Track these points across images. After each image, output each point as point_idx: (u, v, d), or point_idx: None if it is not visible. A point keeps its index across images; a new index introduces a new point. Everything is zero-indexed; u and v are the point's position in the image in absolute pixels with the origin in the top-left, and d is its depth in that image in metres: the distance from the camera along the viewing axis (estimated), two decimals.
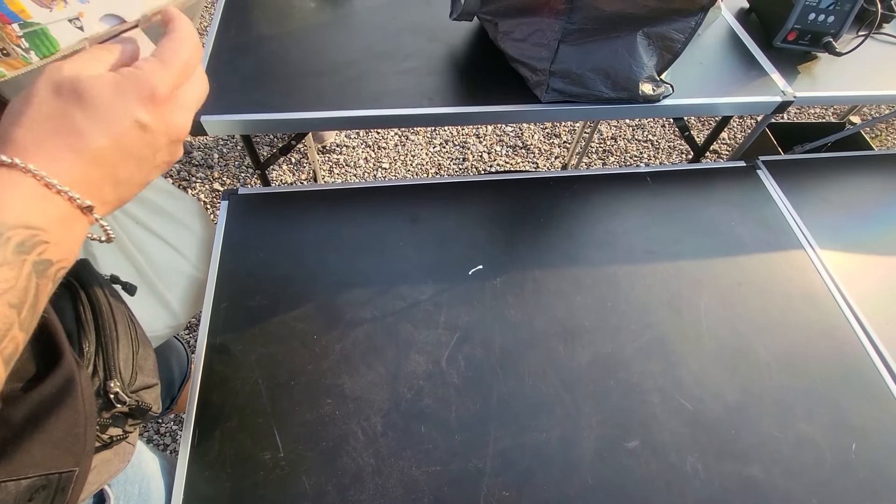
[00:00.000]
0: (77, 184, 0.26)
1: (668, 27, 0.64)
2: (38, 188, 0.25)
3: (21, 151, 0.25)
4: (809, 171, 0.86)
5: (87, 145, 0.26)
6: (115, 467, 0.47)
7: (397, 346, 0.62)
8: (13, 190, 0.24)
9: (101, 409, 0.43)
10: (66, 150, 0.25)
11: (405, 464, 0.54)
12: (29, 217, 0.24)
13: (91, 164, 0.26)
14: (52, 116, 0.25)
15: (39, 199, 0.25)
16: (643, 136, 1.96)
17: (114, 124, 0.26)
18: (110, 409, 0.43)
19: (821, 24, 0.82)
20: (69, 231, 0.26)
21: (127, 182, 0.28)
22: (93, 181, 0.26)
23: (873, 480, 0.56)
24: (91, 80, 0.26)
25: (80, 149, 0.25)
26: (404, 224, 0.72)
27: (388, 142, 1.85)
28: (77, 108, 0.26)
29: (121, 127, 0.26)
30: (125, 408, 0.44)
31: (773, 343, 0.65)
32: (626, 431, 0.57)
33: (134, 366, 0.46)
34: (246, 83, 0.71)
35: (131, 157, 0.27)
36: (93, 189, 0.26)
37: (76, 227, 0.27)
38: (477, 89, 0.73)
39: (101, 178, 0.27)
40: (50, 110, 0.25)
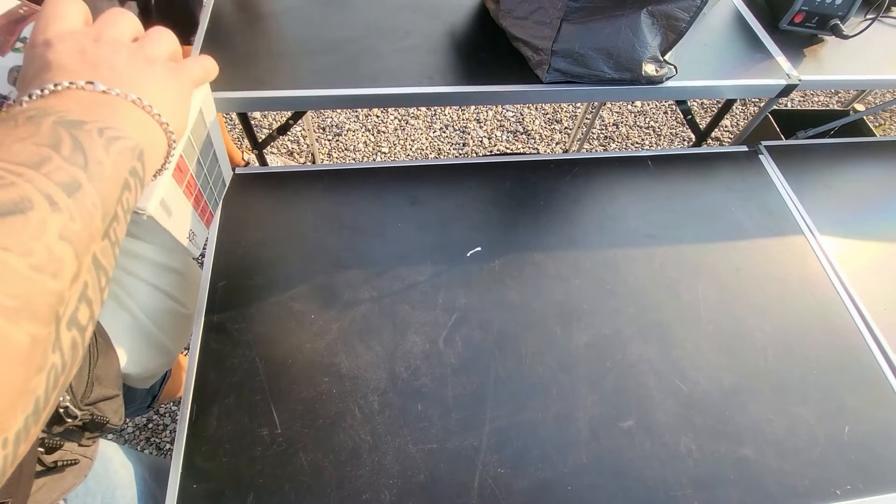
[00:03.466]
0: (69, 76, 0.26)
1: (672, 6, 0.63)
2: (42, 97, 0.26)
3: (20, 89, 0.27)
4: (812, 156, 0.85)
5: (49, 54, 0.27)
6: (69, 483, 0.44)
7: (394, 326, 0.62)
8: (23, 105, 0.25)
9: (49, 424, 0.39)
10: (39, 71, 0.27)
11: (402, 441, 0.54)
12: (35, 104, 0.24)
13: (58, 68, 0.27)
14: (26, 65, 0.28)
15: (43, 100, 0.25)
16: (645, 123, 1.95)
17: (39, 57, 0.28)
18: (61, 423, 0.40)
19: (828, 6, 0.80)
20: (96, 104, 0.26)
21: (108, 65, 0.28)
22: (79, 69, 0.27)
23: (865, 462, 0.56)
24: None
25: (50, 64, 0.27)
26: (403, 205, 0.72)
27: (388, 126, 1.84)
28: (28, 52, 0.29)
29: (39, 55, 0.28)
30: (78, 422, 0.41)
31: (771, 327, 0.65)
32: (622, 412, 0.57)
33: (90, 377, 0.43)
34: (242, 60, 0.70)
35: (79, 46, 0.28)
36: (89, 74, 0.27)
37: (103, 102, 0.26)
38: (477, 69, 0.72)
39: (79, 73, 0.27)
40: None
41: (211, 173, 0.48)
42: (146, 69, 0.30)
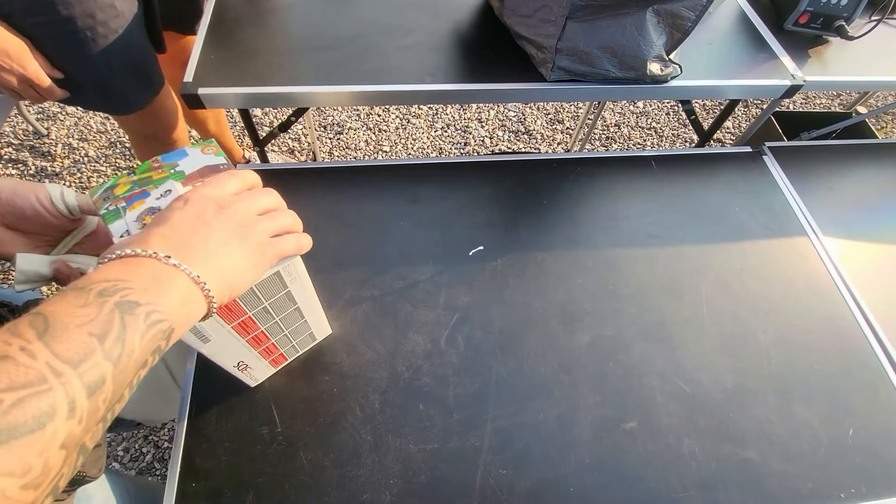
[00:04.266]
0: (153, 246, 0.31)
1: (678, 4, 0.62)
2: (118, 260, 0.30)
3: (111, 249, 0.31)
4: (815, 158, 0.85)
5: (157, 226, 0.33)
6: None
7: (396, 325, 0.61)
8: (99, 267, 0.30)
9: None
10: (142, 236, 0.32)
11: (403, 441, 0.54)
12: (111, 273, 0.28)
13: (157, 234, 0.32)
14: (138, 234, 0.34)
15: (122, 262, 0.30)
16: (647, 124, 1.95)
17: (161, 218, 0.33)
18: None
19: (834, 7, 0.80)
20: (159, 281, 0.29)
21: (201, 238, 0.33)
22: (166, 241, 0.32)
23: (869, 466, 0.56)
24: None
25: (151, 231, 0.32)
26: (405, 203, 0.72)
27: (389, 124, 1.83)
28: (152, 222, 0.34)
29: (167, 214, 0.34)
30: None
31: (774, 329, 0.65)
32: (624, 413, 0.57)
33: None
34: (245, 56, 0.70)
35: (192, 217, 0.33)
36: (169, 248, 0.31)
37: (166, 280, 0.30)
38: (480, 67, 0.72)
39: (173, 238, 0.32)
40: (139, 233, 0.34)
41: (295, 334, 0.53)
42: (235, 243, 0.34)
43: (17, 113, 1.66)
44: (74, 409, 0.24)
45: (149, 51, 0.86)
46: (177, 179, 0.38)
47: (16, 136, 1.68)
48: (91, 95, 0.84)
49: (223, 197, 0.36)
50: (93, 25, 0.73)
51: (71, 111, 1.76)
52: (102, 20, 0.73)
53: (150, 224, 0.33)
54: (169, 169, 0.39)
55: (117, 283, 0.28)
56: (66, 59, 0.76)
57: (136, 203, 0.37)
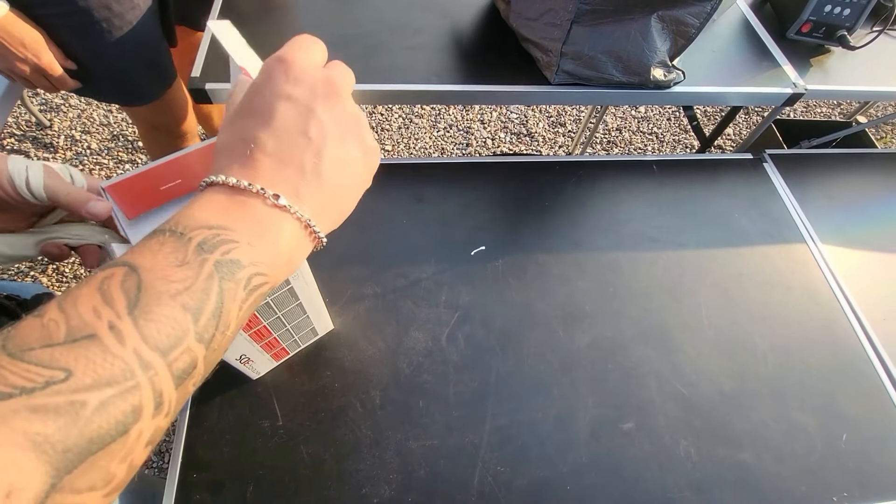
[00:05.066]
0: (259, 178, 0.25)
1: (683, 11, 0.63)
2: (225, 192, 0.25)
3: (214, 172, 0.26)
4: (815, 166, 0.86)
5: (257, 142, 0.26)
6: None
7: (397, 322, 0.62)
8: (205, 202, 0.25)
9: None
10: (242, 157, 0.26)
11: (402, 437, 0.54)
12: (214, 219, 0.24)
13: (263, 157, 0.26)
14: (227, 143, 0.27)
15: (227, 201, 0.25)
16: (648, 129, 1.96)
17: (264, 111, 0.26)
18: None
19: (836, 17, 0.81)
20: (265, 231, 0.25)
21: (311, 165, 0.27)
22: (272, 173, 0.26)
23: (861, 470, 0.57)
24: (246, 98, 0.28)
25: (254, 151, 0.26)
26: (409, 202, 0.72)
27: (392, 124, 1.84)
28: (239, 120, 0.27)
29: (269, 109, 0.26)
30: None
31: (771, 334, 0.66)
32: (622, 413, 0.58)
33: None
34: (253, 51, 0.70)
35: (295, 132, 0.26)
36: (276, 181, 0.26)
37: (275, 228, 0.25)
38: (486, 68, 0.73)
39: (280, 167, 0.26)
40: (225, 138, 0.27)
41: (297, 329, 0.53)
42: (354, 154, 0.28)
43: (20, 104, 1.66)
44: (162, 404, 0.21)
45: (162, 44, 0.87)
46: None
47: (18, 127, 1.68)
48: (104, 86, 0.85)
49: (331, 77, 0.28)
50: (108, 17, 0.73)
51: (74, 103, 1.76)
52: (119, 12, 0.74)
53: (244, 124, 0.27)
54: None
55: (220, 234, 0.24)
56: (81, 50, 0.76)
57: None
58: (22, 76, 0.73)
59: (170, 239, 0.23)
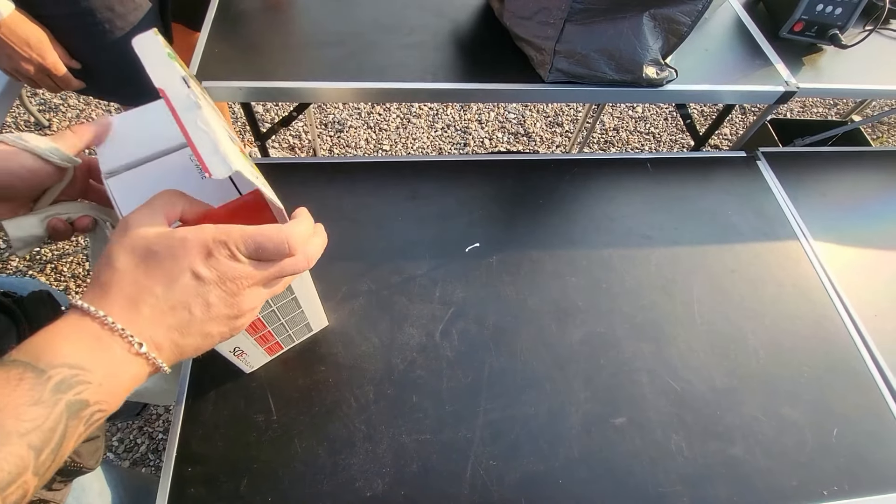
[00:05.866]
0: (130, 325, 0.28)
1: (674, 9, 0.64)
2: (94, 329, 0.27)
3: (90, 300, 0.28)
4: (808, 164, 0.87)
5: (146, 293, 0.28)
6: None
7: (392, 318, 0.62)
8: (71, 332, 0.27)
9: None
10: (125, 299, 0.28)
11: (396, 431, 0.55)
12: (75, 357, 0.26)
13: (147, 308, 0.28)
14: (124, 272, 0.29)
15: (93, 339, 0.27)
16: (645, 129, 1.96)
17: (172, 272, 0.29)
18: None
19: (828, 16, 0.82)
20: (117, 372, 0.27)
21: (181, 328, 0.29)
22: (145, 323, 0.28)
23: (852, 465, 0.57)
24: (158, 237, 0.29)
25: (139, 296, 0.28)
26: (404, 200, 0.73)
27: (390, 123, 1.85)
28: (143, 263, 0.29)
29: (176, 274, 0.29)
30: None
31: (763, 330, 0.66)
32: (614, 408, 0.58)
33: None
34: (248, 50, 0.71)
35: (184, 303, 0.29)
36: (145, 330, 0.28)
37: (126, 370, 0.28)
38: (480, 67, 0.73)
39: (154, 321, 0.28)
40: (123, 266, 0.29)
41: (292, 323, 0.53)
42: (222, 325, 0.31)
43: (19, 104, 1.67)
44: None
45: None
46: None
47: (17, 127, 1.69)
48: (106, 85, 0.86)
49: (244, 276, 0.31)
50: (111, 17, 0.74)
51: (73, 103, 1.77)
52: (121, 13, 0.75)
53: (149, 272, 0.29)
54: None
55: (78, 374, 0.26)
56: (85, 50, 0.77)
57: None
58: (27, 76, 0.74)
59: (29, 374, 0.24)
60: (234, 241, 0.30)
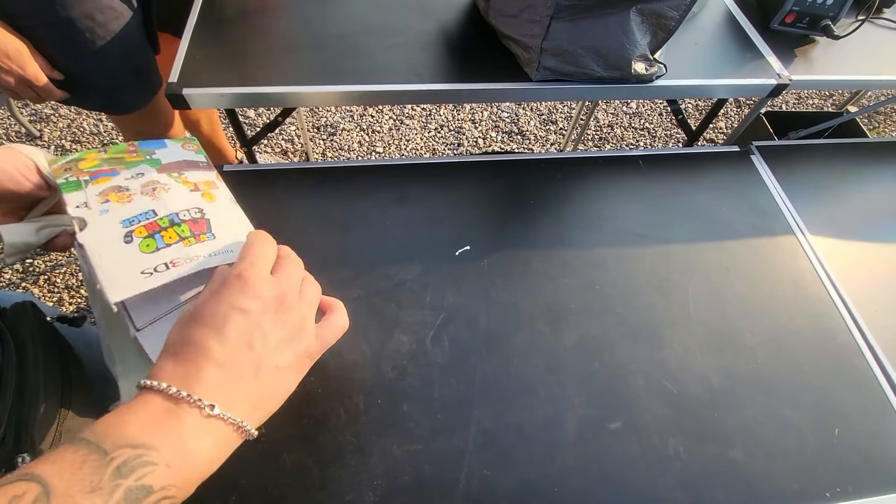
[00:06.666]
0: (195, 389, 0.27)
1: (661, 4, 0.62)
2: (161, 403, 0.26)
3: (153, 377, 0.28)
4: (803, 157, 0.85)
5: (202, 350, 0.28)
6: None
7: (381, 325, 0.61)
8: (140, 409, 0.26)
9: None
10: (184, 364, 0.28)
11: (387, 442, 0.53)
12: (142, 436, 0.25)
13: (208, 366, 0.28)
14: (174, 341, 0.30)
15: (162, 412, 0.26)
16: (640, 125, 1.95)
17: (217, 319, 0.29)
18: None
19: (819, 7, 0.80)
20: (190, 448, 0.26)
21: (251, 373, 0.29)
22: (211, 381, 0.28)
23: (855, 465, 0.56)
24: (201, 301, 0.31)
25: (196, 356, 0.28)
26: (392, 203, 0.71)
27: (383, 125, 1.83)
28: (190, 324, 0.30)
29: (221, 320, 0.29)
30: None
31: (761, 328, 0.65)
32: (610, 413, 0.57)
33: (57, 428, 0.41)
34: (231, 56, 0.70)
35: (242, 344, 0.29)
36: (216, 391, 0.27)
37: (202, 443, 0.27)
38: (467, 66, 0.72)
39: (220, 377, 0.28)
40: (173, 338, 0.30)
41: None
42: (288, 360, 0.32)
43: (9, 115, 1.66)
44: None
45: (147, 52, 0.87)
46: (152, 166, 0.38)
47: (8, 138, 1.68)
48: (90, 96, 0.84)
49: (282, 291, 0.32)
50: (92, 27, 0.73)
51: (64, 113, 1.76)
52: (101, 21, 0.74)
53: (198, 331, 0.29)
54: (145, 154, 0.38)
55: (141, 455, 0.24)
56: (66, 60, 0.76)
57: (101, 179, 0.35)
58: (7, 87, 0.73)
59: (92, 457, 0.24)
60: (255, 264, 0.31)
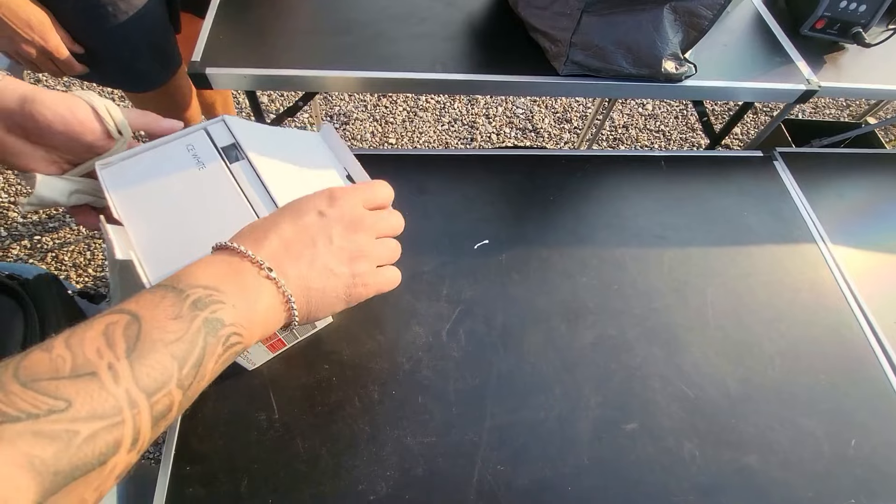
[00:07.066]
0: (259, 251, 0.31)
1: (696, 2, 0.61)
2: (227, 257, 0.31)
3: (233, 239, 0.32)
4: (826, 165, 0.84)
5: (275, 228, 0.33)
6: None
7: (397, 316, 0.61)
8: (209, 263, 0.30)
9: None
10: (257, 234, 0.32)
11: (400, 433, 0.53)
12: (210, 280, 0.29)
13: (276, 239, 0.32)
14: (261, 221, 0.34)
15: (226, 265, 0.30)
16: (655, 126, 1.93)
17: (299, 212, 0.34)
18: None
19: (851, 14, 0.79)
20: (250, 297, 0.30)
21: (307, 261, 0.33)
22: (272, 250, 0.32)
23: (871, 477, 0.55)
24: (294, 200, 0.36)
25: (269, 231, 0.32)
26: (411, 194, 0.71)
27: (396, 116, 1.82)
28: (279, 212, 0.35)
29: (303, 213, 0.34)
30: None
31: (779, 336, 0.64)
32: (625, 414, 0.56)
33: None
34: (254, 37, 0.69)
35: (309, 236, 0.33)
36: (274, 259, 0.31)
37: (258, 296, 0.30)
38: (492, 58, 0.71)
39: (281, 250, 0.32)
40: (263, 218, 0.35)
41: (301, 332, 0.55)
42: (343, 272, 0.35)
43: None
44: (137, 440, 0.24)
45: (168, 29, 0.86)
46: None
47: None
48: (110, 71, 0.84)
49: (362, 217, 0.36)
50: (115, 1, 0.72)
51: (78, 90, 1.75)
52: None
53: (280, 215, 0.33)
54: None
55: (212, 294, 0.28)
56: (88, 34, 0.75)
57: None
58: (28, 59, 0.72)
59: (170, 294, 0.27)
60: (354, 191, 0.36)
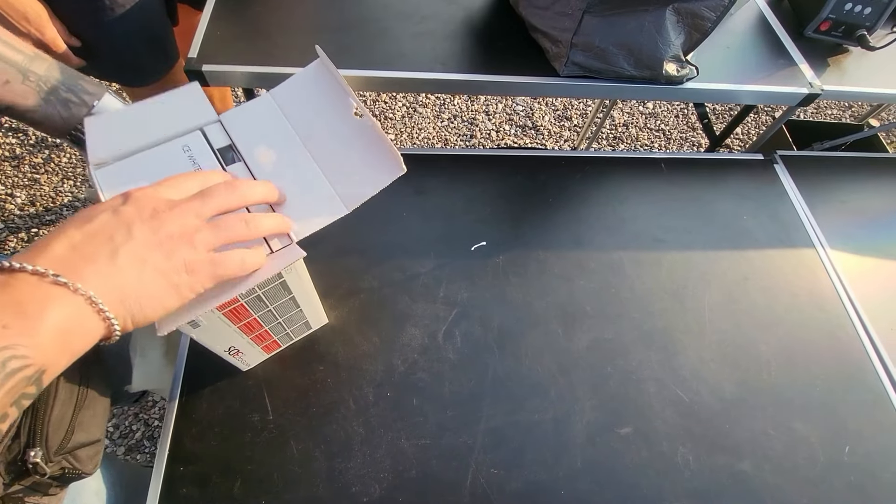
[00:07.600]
0: (41, 260, 0.27)
1: (699, 4, 0.61)
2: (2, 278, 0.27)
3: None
4: (827, 169, 0.84)
5: (62, 235, 0.29)
6: None
7: (394, 317, 0.60)
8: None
9: (11, 479, 0.37)
10: (40, 245, 0.29)
11: (395, 435, 0.53)
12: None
13: (59, 245, 0.29)
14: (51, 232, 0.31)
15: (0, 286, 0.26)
16: (655, 126, 1.93)
17: (88, 216, 0.30)
18: (26, 477, 0.38)
19: (856, 16, 0.78)
20: (27, 309, 0.26)
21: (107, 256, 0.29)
22: (60, 257, 0.28)
23: (864, 483, 0.56)
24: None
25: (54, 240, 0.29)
26: (409, 194, 0.70)
27: (395, 113, 1.81)
28: (69, 219, 0.31)
29: (94, 215, 0.30)
30: (47, 478, 0.39)
31: (776, 340, 0.64)
32: (620, 418, 0.56)
33: (71, 423, 0.41)
34: (252, 34, 0.68)
35: (102, 233, 0.30)
36: (61, 263, 0.28)
37: (42, 305, 0.26)
38: (493, 58, 0.70)
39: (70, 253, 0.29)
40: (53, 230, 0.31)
41: (289, 322, 0.52)
42: (155, 259, 0.30)
43: None
44: None
45: (166, 22, 0.85)
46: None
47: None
48: (107, 65, 0.83)
49: (165, 200, 0.32)
50: None
51: None
52: None
53: (66, 223, 0.30)
54: None
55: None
56: (84, 27, 0.74)
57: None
58: None
59: None
60: (156, 185, 0.33)
